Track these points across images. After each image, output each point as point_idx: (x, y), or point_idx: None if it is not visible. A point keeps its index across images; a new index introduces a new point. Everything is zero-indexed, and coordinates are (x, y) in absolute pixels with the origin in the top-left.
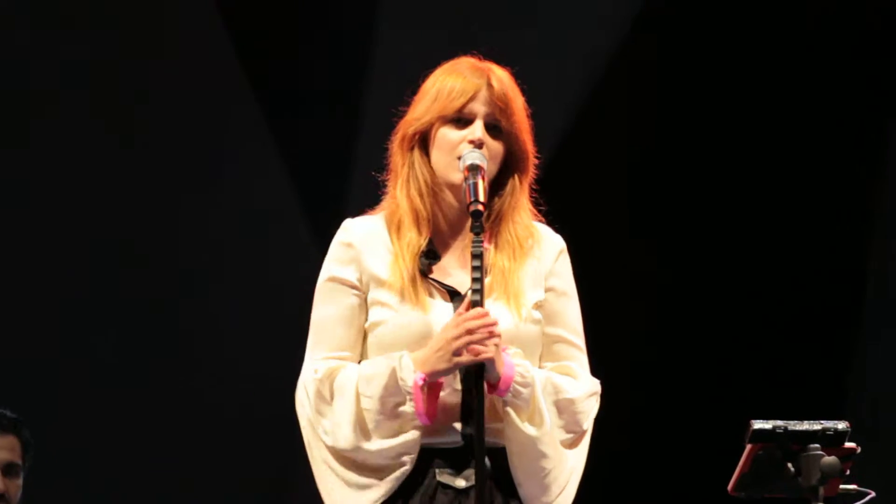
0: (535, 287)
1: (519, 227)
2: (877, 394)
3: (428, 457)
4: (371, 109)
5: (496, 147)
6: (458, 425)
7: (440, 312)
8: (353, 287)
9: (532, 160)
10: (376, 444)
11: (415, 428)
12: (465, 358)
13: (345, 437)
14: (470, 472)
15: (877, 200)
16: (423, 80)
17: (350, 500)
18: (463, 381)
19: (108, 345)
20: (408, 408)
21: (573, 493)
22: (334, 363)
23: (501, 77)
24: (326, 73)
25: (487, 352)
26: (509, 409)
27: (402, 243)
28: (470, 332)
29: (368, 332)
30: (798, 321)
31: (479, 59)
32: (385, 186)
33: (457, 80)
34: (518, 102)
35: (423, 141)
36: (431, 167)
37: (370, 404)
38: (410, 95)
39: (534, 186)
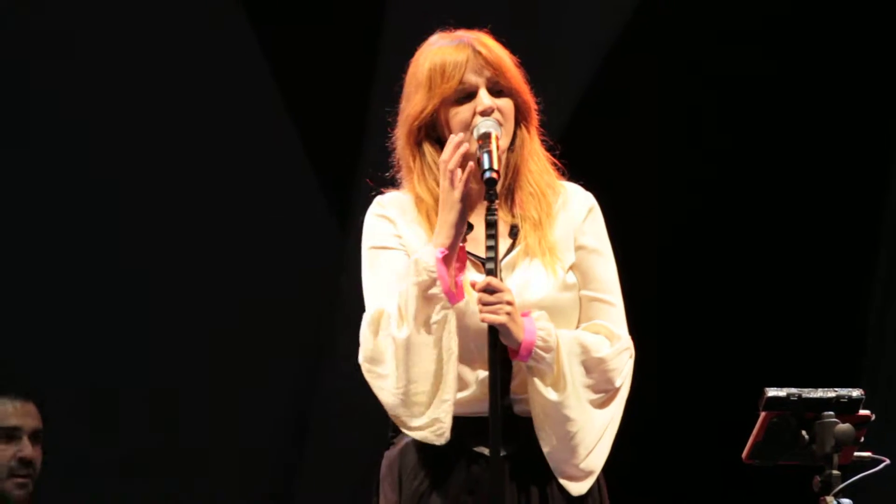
0: (566, 245)
1: (536, 175)
2: (893, 362)
3: (460, 427)
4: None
5: (506, 106)
6: (449, 419)
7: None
8: (400, 249)
9: (533, 107)
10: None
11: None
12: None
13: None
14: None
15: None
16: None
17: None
18: (489, 350)
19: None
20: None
21: (605, 452)
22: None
23: (483, 40)
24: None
25: (498, 319)
26: (534, 375)
27: (434, 229)
28: (481, 301)
29: None
30: (814, 287)
31: (451, 30)
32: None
33: (444, 58)
34: (507, 57)
35: (428, 130)
36: (440, 154)
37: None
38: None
39: (555, 148)
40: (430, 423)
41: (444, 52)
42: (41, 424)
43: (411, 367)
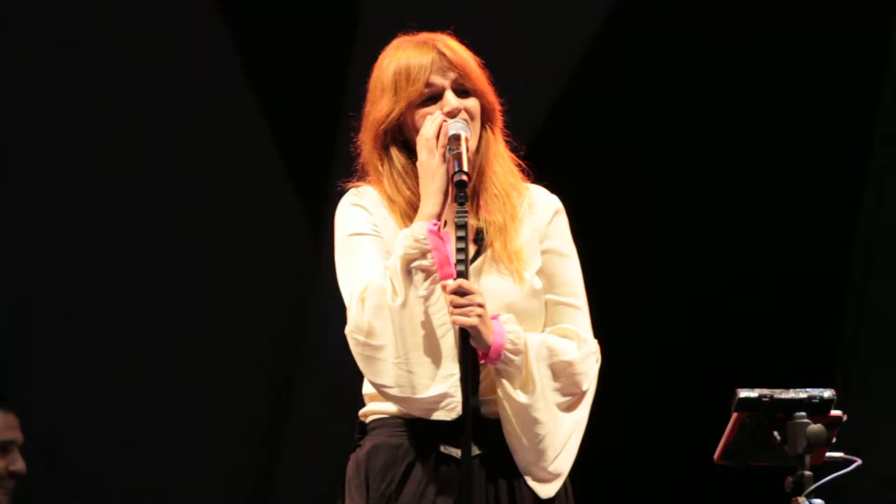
0: (532, 249)
1: (501, 177)
2: (868, 361)
3: (430, 429)
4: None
5: (473, 106)
6: (459, 394)
7: None
8: (377, 235)
9: (497, 108)
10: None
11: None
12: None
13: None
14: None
15: (865, 158)
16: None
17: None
18: (459, 352)
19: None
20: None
21: (572, 455)
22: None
23: (447, 41)
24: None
25: (469, 321)
26: (502, 378)
27: (408, 224)
28: (452, 304)
29: None
30: (787, 287)
31: (413, 34)
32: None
33: (409, 62)
34: (471, 59)
35: (394, 134)
36: (408, 157)
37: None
38: None
39: (518, 149)
40: (440, 398)
41: (408, 54)
42: (21, 434)
43: (409, 337)
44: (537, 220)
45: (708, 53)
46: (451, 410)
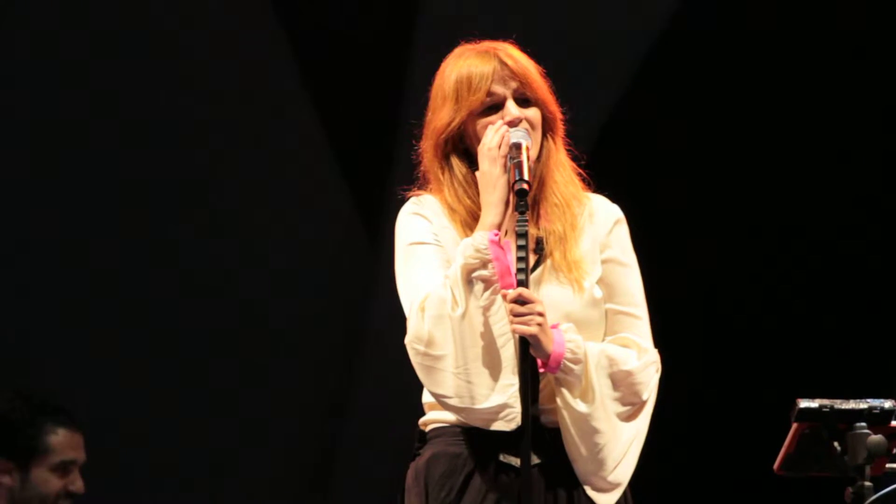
0: (592, 259)
1: (561, 186)
2: None
3: (489, 438)
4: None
5: (534, 116)
6: (518, 405)
7: None
8: (438, 244)
9: (559, 118)
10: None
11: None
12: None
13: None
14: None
15: None
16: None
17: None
18: (519, 361)
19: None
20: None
21: (632, 464)
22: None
23: (509, 50)
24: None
25: (529, 330)
26: (562, 387)
27: (469, 234)
28: (513, 313)
29: None
30: (846, 298)
31: (476, 42)
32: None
33: (471, 71)
34: (533, 68)
35: (455, 143)
36: (469, 166)
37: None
38: None
39: (580, 158)
40: (500, 409)
41: (469, 63)
42: (86, 458)
43: (469, 348)
44: (598, 230)
45: (771, 57)
46: (510, 421)
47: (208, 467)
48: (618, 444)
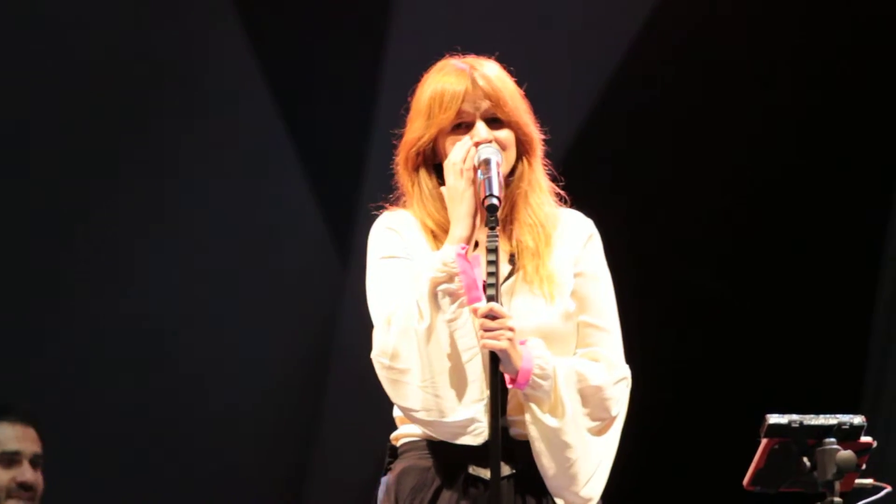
0: (565, 275)
1: (536, 208)
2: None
3: (458, 451)
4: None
5: (505, 137)
6: (486, 419)
7: None
8: (408, 258)
9: (537, 139)
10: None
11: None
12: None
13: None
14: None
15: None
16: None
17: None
18: (489, 375)
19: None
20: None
21: (603, 479)
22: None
23: (485, 71)
24: (340, 71)
25: (499, 345)
26: (531, 402)
27: (439, 246)
28: (483, 327)
29: None
30: (815, 314)
31: (460, 56)
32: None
33: (444, 88)
34: (508, 89)
35: (426, 157)
36: (439, 180)
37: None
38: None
39: (559, 179)
40: (468, 423)
41: (445, 80)
42: (41, 449)
43: (435, 362)
44: (571, 244)
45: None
46: (477, 436)
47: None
48: (589, 458)
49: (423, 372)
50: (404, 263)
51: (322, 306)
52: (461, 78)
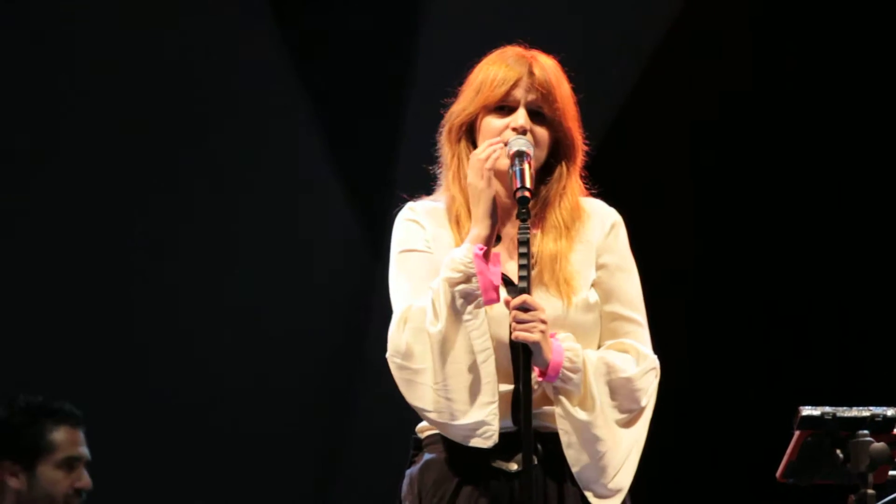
0: (587, 269)
1: (564, 211)
2: None
3: None
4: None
5: (541, 133)
6: (510, 411)
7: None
8: (430, 251)
9: (579, 147)
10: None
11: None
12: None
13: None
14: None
15: None
16: (469, 69)
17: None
18: (515, 367)
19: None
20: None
21: (632, 471)
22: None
23: (545, 64)
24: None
25: (532, 336)
26: (560, 395)
27: (462, 234)
28: (516, 319)
29: None
30: (849, 306)
31: (525, 47)
32: (434, 178)
33: (499, 70)
34: (562, 90)
35: (469, 132)
36: None
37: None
38: (455, 85)
39: (582, 174)
40: (477, 426)
41: (504, 62)
42: (89, 456)
43: (448, 364)
44: (594, 234)
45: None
46: (487, 438)
47: (208, 476)
48: (618, 450)
49: (435, 374)
50: (423, 257)
51: (354, 295)
52: (520, 63)
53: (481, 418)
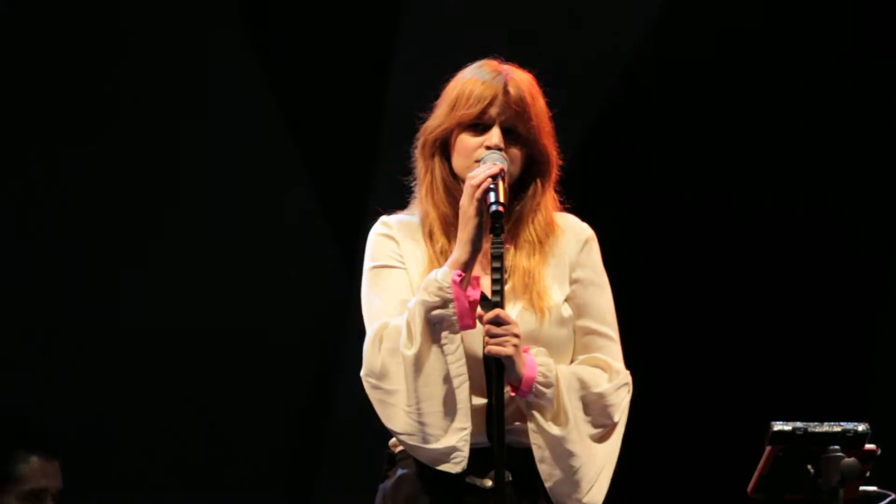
0: (560, 284)
1: (538, 227)
2: None
3: None
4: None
5: (514, 151)
6: (483, 426)
7: None
8: (402, 267)
9: (554, 163)
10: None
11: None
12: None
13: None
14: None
15: None
16: (445, 82)
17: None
18: (488, 382)
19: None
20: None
21: (605, 486)
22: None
23: (520, 81)
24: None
25: (505, 350)
26: (533, 410)
27: (435, 248)
28: (489, 333)
29: None
30: (820, 320)
31: (501, 61)
32: (411, 190)
33: (475, 87)
34: (537, 106)
35: (443, 147)
36: (452, 172)
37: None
38: (432, 97)
39: (557, 188)
40: (449, 451)
41: (479, 79)
42: (62, 485)
43: (421, 387)
44: (568, 249)
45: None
46: (457, 464)
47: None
48: (592, 465)
49: (409, 396)
50: (396, 273)
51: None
52: (495, 80)
53: (453, 444)
